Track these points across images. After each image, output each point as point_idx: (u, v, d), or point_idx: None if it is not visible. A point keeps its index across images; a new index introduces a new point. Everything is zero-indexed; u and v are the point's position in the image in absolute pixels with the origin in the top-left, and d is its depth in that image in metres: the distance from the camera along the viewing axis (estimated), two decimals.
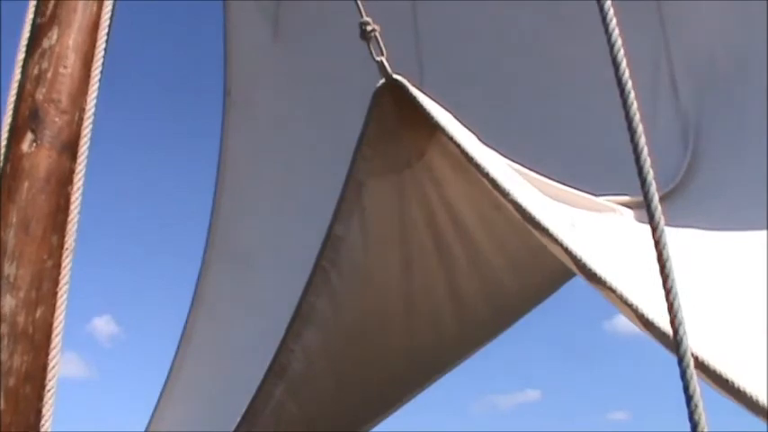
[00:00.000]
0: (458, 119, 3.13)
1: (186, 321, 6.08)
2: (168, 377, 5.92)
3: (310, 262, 3.53)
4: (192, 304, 6.05)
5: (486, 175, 2.81)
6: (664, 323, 2.29)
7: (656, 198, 1.77)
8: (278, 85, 6.26)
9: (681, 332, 1.74)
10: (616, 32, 1.87)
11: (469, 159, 2.84)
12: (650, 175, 1.78)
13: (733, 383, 2.24)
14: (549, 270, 3.21)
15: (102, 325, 23.38)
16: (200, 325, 6.04)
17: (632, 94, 1.81)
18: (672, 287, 1.75)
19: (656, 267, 1.77)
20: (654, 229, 1.77)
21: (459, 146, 2.87)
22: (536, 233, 2.75)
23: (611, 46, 1.86)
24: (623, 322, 2.65)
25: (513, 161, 3.41)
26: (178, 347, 6.03)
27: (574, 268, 2.68)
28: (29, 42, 2.44)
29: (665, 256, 1.76)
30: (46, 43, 2.42)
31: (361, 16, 3.09)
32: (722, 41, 4.57)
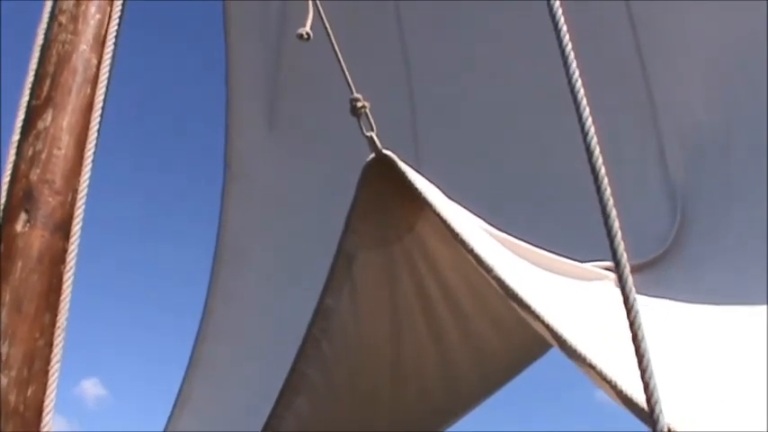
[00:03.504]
0: (446, 193, 3.20)
1: (181, 386, 6.08)
2: None
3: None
4: (188, 371, 6.06)
5: (471, 252, 2.86)
6: (642, 399, 2.32)
7: (630, 279, 1.80)
8: (276, 162, 6.36)
9: (657, 409, 1.76)
10: (589, 121, 1.93)
11: (455, 236, 2.89)
12: (623, 256, 1.82)
13: None
14: (535, 337, 3.24)
15: (90, 387, 23.13)
16: (197, 390, 6.04)
17: (605, 180, 1.86)
18: (647, 363, 1.76)
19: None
20: (627, 306, 1.79)
21: (444, 222, 2.93)
22: (519, 309, 2.79)
23: (584, 132, 1.91)
24: None
25: (504, 231, 3.47)
26: (172, 410, 6.02)
27: (555, 344, 2.72)
28: (24, 124, 2.49)
29: (639, 334, 1.78)
30: (41, 125, 2.47)
31: (351, 92, 3.16)
32: (708, 111, 4.65)
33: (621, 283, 1.79)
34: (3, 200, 2.38)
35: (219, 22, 6.56)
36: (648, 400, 1.77)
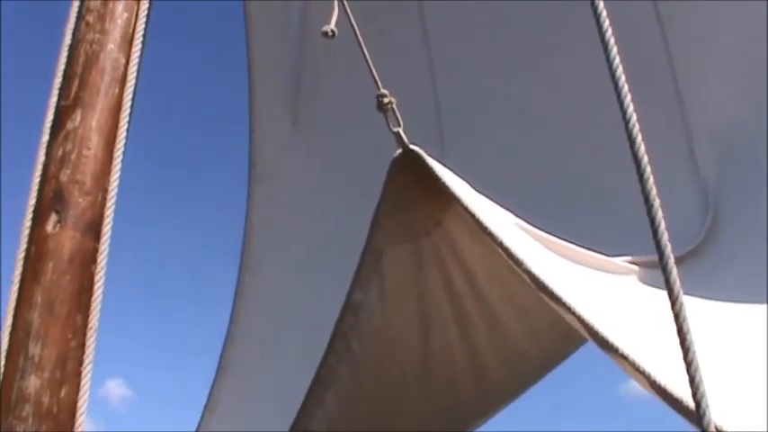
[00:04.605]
0: (474, 187, 3.18)
1: (211, 390, 6.07)
2: None
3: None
4: (217, 374, 6.05)
5: (501, 245, 2.84)
6: (678, 390, 2.29)
7: (674, 270, 1.77)
8: (300, 162, 6.35)
9: (703, 404, 1.72)
10: (631, 108, 1.90)
11: (484, 229, 2.87)
12: (668, 248, 1.79)
13: None
14: (566, 333, 3.21)
15: (115, 388, 23.11)
16: (226, 393, 6.04)
17: (648, 168, 1.83)
18: (692, 356, 1.72)
19: (672, 332, 1.76)
20: (672, 298, 1.76)
21: (473, 216, 2.91)
22: (549, 301, 2.77)
23: (627, 121, 1.88)
24: None
25: (532, 224, 3.44)
26: (203, 414, 6.02)
27: (587, 335, 2.69)
28: (53, 124, 2.49)
29: (684, 328, 1.75)
30: (70, 125, 2.47)
31: (378, 89, 3.15)
32: (737, 109, 4.60)
33: (666, 274, 1.75)
34: (33, 201, 2.38)
35: (241, 22, 6.56)
36: (694, 396, 1.73)
